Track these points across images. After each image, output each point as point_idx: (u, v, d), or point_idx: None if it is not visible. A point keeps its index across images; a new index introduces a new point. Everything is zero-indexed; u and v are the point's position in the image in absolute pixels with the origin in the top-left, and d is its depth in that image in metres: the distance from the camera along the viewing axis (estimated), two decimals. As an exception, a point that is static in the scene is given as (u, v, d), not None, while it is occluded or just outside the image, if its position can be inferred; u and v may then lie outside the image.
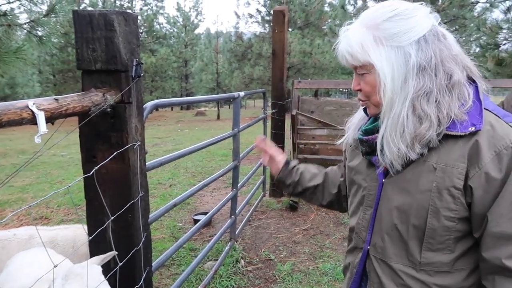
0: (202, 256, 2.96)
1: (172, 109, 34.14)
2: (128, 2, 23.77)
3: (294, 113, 4.98)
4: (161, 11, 26.56)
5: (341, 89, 24.64)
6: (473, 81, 0.98)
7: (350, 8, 14.24)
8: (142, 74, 1.48)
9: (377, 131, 1.01)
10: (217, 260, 3.33)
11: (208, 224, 4.36)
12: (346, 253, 1.24)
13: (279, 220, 4.49)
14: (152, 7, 25.39)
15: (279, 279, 3.17)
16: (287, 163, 1.44)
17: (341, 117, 5.61)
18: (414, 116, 0.92)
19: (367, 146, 1.06)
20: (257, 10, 21.13)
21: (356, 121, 1.17)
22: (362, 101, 1.05)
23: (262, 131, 5.06)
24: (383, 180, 1.05)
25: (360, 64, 0.98)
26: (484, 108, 0.94)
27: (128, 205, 1.48)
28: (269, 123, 5.14)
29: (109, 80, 1.41)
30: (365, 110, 1.13)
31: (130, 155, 1.46)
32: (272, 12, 5.61)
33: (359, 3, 14.55)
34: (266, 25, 20.96)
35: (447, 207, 0.93)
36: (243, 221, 4.21)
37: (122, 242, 1.52)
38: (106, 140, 1.44)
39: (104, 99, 1.33)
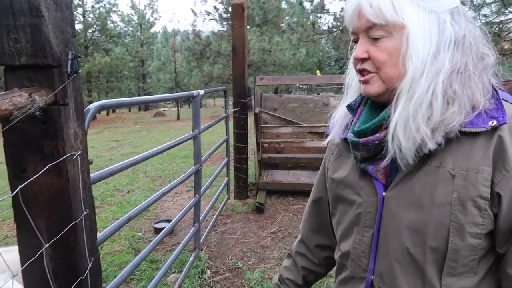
0: (165, 269, 2.72)
1: (130, 110, 33.12)
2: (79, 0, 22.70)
3: (257, 111, 4.80)
4: (114, 8, 25.54)
5: (300, 86, 24.75)
6: None
7: (307, 5, 14.18)
8: (80, 70, 1.24)
9: (378, 130, 0.83)
10: (181, 272, 3.09)
11: (170, 232, 4.09)
12: (338, 284, 1.02)
13: (245, 224, 4.29)
14: (104, 5, 24.39)
15: (248, 288, 2.97)
16: None
17: (305, 114, 5.49)
18: (444, 97, 0.76)
19: (365, 150, 0.85)
20: (215, 7, 20.78)
21: (341, 117, 0.96)
22: (364, 74, 0.83)
23: (225, 131, 4.85)
24: (383, 193, 0.85)
25: (382, 23, 0.77)
26: (502, 99, 0.79)
27: (68, 227, 1.23)
28: (231, 123, 4.92)
29: (39, 77, 1.15)
30: (349, 108, 0.93)
31: (69, 167, 1.21)
32: (230, 7, 5.39)
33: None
34: (224, 22, 20.67)
35: (472, 222, 0.76)
36: (208, 227, 3.98)
37: (63, 272, 1.27)
38: (38, 150, 1.18)
39: (31, 100, 1.07)
